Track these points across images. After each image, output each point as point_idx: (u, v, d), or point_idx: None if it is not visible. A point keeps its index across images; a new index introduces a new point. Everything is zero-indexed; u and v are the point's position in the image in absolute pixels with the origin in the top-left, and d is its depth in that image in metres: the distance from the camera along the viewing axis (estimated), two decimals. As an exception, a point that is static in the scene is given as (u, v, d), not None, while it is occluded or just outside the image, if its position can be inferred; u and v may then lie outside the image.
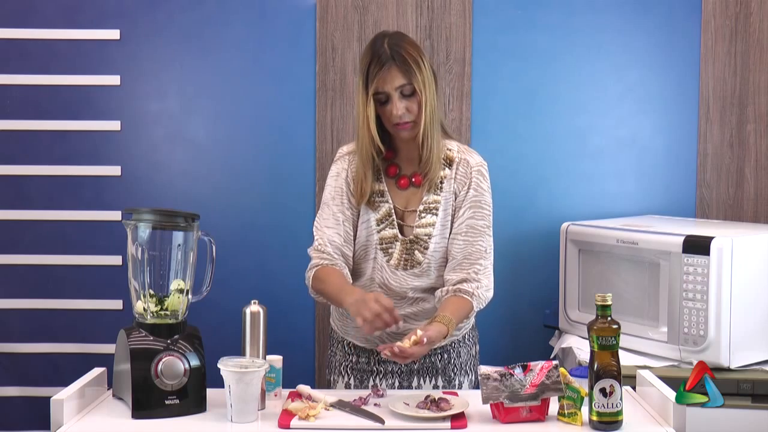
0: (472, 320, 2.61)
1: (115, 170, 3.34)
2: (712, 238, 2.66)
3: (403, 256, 2.44)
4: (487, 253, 2.45)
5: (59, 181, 3.34)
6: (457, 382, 2.54)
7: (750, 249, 2.73)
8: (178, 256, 2.19)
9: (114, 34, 3.32)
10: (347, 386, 2.56)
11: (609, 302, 2.02)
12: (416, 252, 2.43)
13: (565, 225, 3.10)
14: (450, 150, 2.47)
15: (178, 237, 2.19)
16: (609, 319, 2.01)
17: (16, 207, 3.35)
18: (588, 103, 3.36)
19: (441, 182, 2.45)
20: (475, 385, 2.58)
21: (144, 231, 2.17)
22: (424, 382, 2.52)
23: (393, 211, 2.45)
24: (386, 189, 2.46)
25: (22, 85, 3.32)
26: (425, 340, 2.18)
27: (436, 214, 2.43)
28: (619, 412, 2.00)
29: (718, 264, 2.64)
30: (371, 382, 2.52)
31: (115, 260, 3.31)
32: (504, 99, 3.35)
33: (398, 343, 2.17)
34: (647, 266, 2.83)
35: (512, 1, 3.33)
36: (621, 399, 2.00)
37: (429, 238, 2.43)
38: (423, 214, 2.43)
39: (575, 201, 3.36)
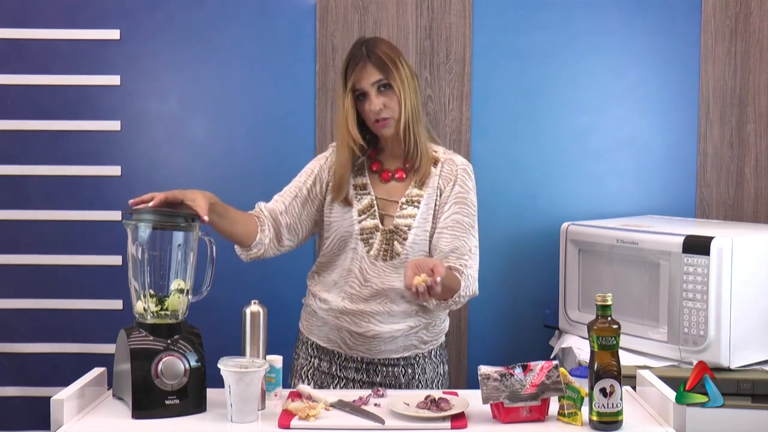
0: (441, 339, 2.56)
1: (115, 170, 3.34)
2: (712, 238, 2.66)
3: (383, 246, 2.44)
4: (472, 252, 2.43)
5: (59, 181, 3.34)
6: None
7: (750, 249, 2.73)
8: (178, 256, 2.19)
9: (114, 34, 3.32)
10: None
11: (609, 302, 2.02)
12: (395, 243, 2.44)
13: (565, 225, 3.10)
14: (436, 152, 2.52)
15: (178, 237, 2.20)
16: (609, 319, 2.01)
17: (16, 207, 3.34)
18: (588, 103, 3.36)
19: (426, 179, 2.47)
20: None
21: (144, 231, 2.17)
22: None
23: (375, 202, 2.47)
24: (368, 182, 2.49)
25: (22, 85, 3.32)
26: (438, 279, 2.12)
27: (418, 207, 2.45)
28: (619, 412, 2.00)
29: (718, 264, 2.64)
30: (331, 389, 2.48)
31: (115, 260, 3.31)
32: (504, 99, 3.35)
33: (421, 278, 2.11)
34: (647, 266, 2.83)
35: (512, 1, 3.33)
36: (621, 399, 2.00)
37: (408, 229, 2.43)
38: (405, 206, 2.45)
39: (575, 201, 3.36)
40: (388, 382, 2.49)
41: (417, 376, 2.51)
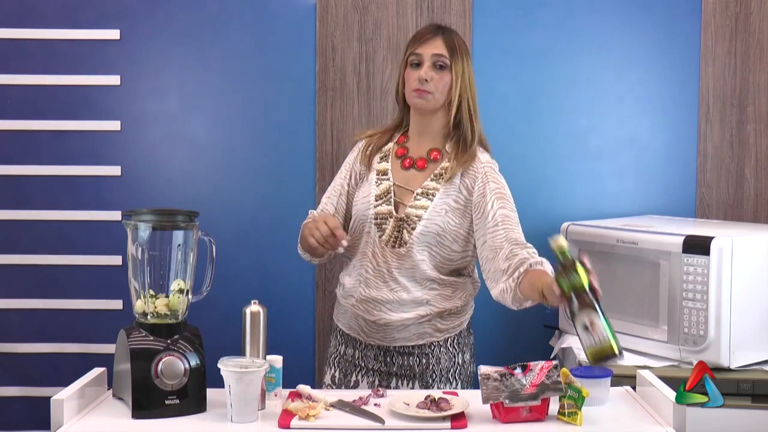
0: (461, 328, 2.55)
1: (115, 170, 3.34)
2: (712, 238, 2.66)
3: (393, 233, 2.46)
4: (527, 243, 2.40)
5: (59, 181, 3.34)
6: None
7: (750, 249, 2.73)
8: (178, 256, 2.19)
9: (114, 34, 3.32)
10: (332, 378, 2.59)
11: (565, 248, 2.04)
12: (404, 231, 2.45)
13: (565, 225, 3.10)
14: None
15: (178, 237, 2.20)
16: (570, 260, 2.03)
17: (16, 207, 3.34)
18: (588, 103, 3.36)
19: (445, 173, 2.48)
20: None
21: (144, 231, 2.17)
22: (402, 384, 2.51)
23: (392, 188, 2.49)
24: (390, 168, 2.51)
25: (22, 85, 3.32)
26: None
27: (431, 199, 2.46)
28: (609, 343, 1.99)
29: (718, 264, 2.64)
30: (353, 377, 2.55)
31: (115, 260, 3.31)
32: (504, 99, 3.35)
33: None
34: (647, 266, 2.83)
35: (512, 1, 3.33)
36: (607, 328, 1.99)
37: (419, 220, 2.44)
38: (419, 197, 2.47)
39: (575, 201, 3.36)
40: (403, 372, 2.51)
41: (431, 366, 2.51)
